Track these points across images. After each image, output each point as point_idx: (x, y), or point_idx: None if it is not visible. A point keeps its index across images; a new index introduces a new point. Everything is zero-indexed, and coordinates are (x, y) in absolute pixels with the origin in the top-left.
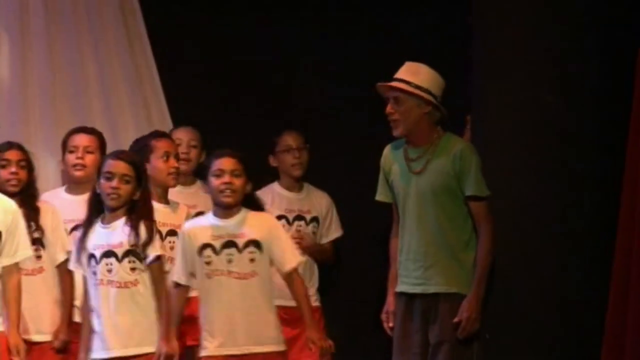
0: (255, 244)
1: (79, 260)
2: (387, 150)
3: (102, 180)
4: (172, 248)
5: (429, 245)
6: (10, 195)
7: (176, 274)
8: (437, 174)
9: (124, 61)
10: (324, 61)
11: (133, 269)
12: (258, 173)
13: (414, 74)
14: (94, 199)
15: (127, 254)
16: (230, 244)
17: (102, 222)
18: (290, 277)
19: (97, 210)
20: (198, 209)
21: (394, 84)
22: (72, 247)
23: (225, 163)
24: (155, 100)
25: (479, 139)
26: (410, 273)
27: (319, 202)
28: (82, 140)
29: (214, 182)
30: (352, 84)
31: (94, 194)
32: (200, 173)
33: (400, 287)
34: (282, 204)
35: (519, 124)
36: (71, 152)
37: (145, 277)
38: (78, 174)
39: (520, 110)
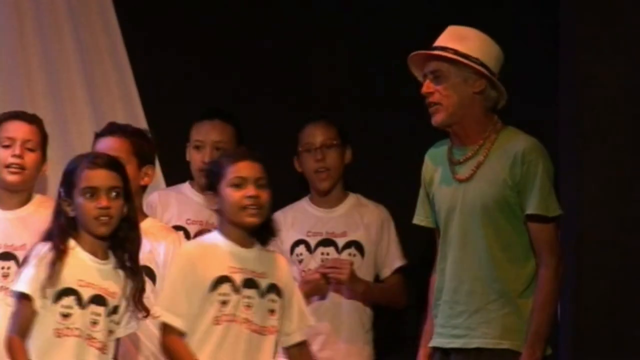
0: (277, 291)
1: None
2: (428, 154)
3: (82, 200)
4: None
5: (475, 283)
6: None
7: (169, 313)
8: (489, 183)
9: (75, 35)
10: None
11: (111, 332)
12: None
13: (460, 40)
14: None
15: (114, 309)
16: (251, 283)
17: (93, 254)
18: (300, 351)
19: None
20: None
21: (431, 52)
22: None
23: (247, 169)
24: (120, 84)
25: (566, 140)
26: (447, 320)
27: (365, 218)
28: (19, 130)
29: (233, 194)
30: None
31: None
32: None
33: (434, 341)
34: (304, 224)
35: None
36: (5, 146)
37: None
38: (11, 178)
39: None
